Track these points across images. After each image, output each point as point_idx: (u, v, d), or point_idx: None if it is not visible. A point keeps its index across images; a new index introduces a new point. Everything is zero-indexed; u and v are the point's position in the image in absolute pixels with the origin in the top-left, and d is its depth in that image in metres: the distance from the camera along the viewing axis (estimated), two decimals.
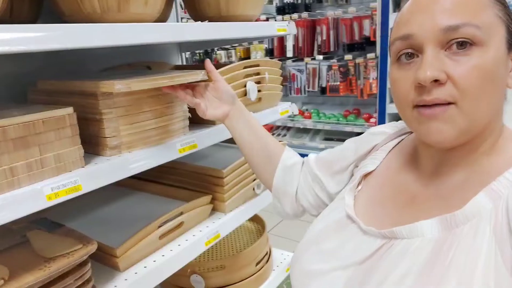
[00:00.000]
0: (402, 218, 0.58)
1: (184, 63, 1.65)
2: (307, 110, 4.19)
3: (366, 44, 3.92)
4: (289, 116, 4.04)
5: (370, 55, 3.70)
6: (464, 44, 0.49)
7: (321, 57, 3.99)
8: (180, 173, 1.21)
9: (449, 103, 0.50)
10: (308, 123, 4.02)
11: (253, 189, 1.25)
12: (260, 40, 4.23)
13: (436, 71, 0.49)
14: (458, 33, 0.49)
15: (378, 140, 0.73)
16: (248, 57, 4.60)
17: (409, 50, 0.53)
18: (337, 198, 0.73)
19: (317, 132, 4.22)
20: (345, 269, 0.58)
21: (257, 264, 1.33)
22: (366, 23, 3.79)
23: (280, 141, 0.96)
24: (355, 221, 0.61)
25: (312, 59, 4.04)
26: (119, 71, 1.22)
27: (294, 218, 0.89)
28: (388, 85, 3.68)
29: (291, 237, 2.70)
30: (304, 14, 3.99)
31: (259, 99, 1.22)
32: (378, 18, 3.56)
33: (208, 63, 0.91)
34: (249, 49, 4.51)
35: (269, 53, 4.32)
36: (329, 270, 0.59)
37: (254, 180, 1.25)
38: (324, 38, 4.01)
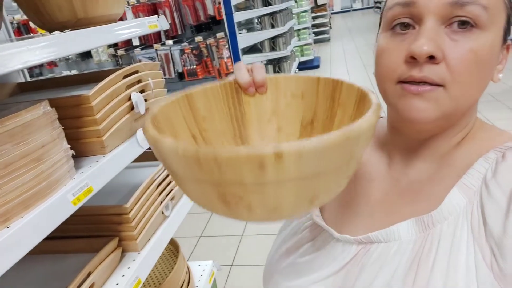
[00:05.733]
0: (376, 219, 0.55)
1: (28, 79, 1.32)
2: None
3: (213, 24, 3.87)
4: None
5: (220, 35, 3.68)
6: (465, 24, 0.45)
7: (170, 41, 3.79)
8: (70, 220, 0.97)
9: (438, 85, 0.46)
10: None
11: (162, 212, 1.09)
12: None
13: (434, 47, 0.45)
14: (464, 10, 0.44)
15: None
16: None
17: (407, 20, 0.48)
18: None
19: None
20: (323, 280, 0.55)
21: None
22: (209, 2, 3.72)
23: None
24: (326, 229, 0.58)
25: (161, 44, 3.81)
26: None
27: None
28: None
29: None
30: None
31: (147, 109, 1.04)
32: None
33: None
34: None
35: (113, 44, 3.91)
36: (307, 284, 0.56)
37: (162, 202, 1.09)
38: (170, 21, 3.80)
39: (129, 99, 0.97)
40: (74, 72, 3.43)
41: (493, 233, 0.43)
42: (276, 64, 3.84)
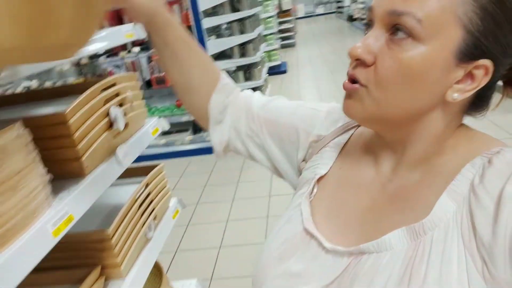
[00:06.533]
0: (366, 228, 0.55)
1: None
2: None
3: None
4: None
5: None
6: (402, 33, 0.47)
7: (137, 48, 3.68)
8: None
9: (362, 85, 0.51)
10: None
11: (145, 234, 1.03)
12: None
13: (366, 52, 0.49)
14: (399, 20, 0.47)
15: (324, 130, 0.68)
16: None
17: (369, 23, 0.53)
18: (292, 205, 0.66)
19: None
20: None
21: None
22: (175, 8, 3.65)
23: None
24: (317, 238, 0.57)
25: (128, 52, 3.69)
26: None
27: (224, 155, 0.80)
28: None
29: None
30: None
31: (126, 124, 0.97)
32: (187, 2, 3.48)
33: None
34: None
35: None
36: None
37: (144, 224, 1.02)
38: None
39: (107, 114, 0.90)
40: (34, 82, 3.24)
41: (483, 240, 0.43)
42: (247, 70, 3.81)
